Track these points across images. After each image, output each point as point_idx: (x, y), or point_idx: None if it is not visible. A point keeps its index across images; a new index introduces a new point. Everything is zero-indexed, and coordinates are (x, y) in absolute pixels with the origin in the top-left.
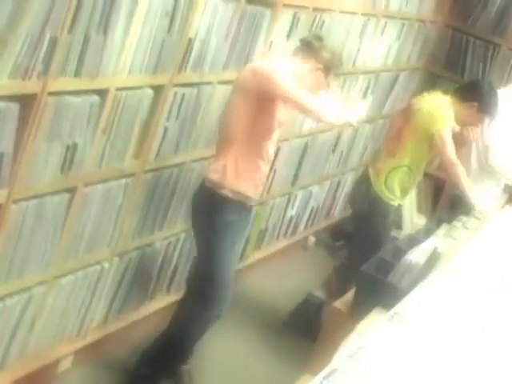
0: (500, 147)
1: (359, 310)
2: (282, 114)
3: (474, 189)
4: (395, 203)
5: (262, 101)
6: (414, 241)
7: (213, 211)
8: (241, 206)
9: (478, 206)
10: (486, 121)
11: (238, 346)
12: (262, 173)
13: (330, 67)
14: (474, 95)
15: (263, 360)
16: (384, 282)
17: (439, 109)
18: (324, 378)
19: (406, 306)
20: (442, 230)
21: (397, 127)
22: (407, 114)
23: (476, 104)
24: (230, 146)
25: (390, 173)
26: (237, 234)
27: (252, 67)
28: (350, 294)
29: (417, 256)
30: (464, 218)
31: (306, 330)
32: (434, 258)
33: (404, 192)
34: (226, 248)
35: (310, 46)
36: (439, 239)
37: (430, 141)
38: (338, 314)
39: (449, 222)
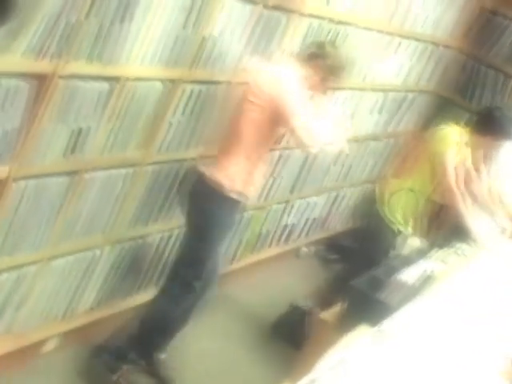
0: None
1: (346, 323)
2: None
3: (476, 218)
4: (394, 227)
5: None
6: (407, 261)
7: (216, 210)
8: (240, 205)
9: (475, 235)
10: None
11: (220, 349)
12: (262, 176)
13: (330, 74)
14: (493, 126)
15: (245, 365)
16: (373, 298)
17: (447, 135)
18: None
19: (391, 323)
20: (435, 254)
21: (408, 150)
22: (419, 138)
23: (495, 135)
24: (241, 148)
25: (394, 194)
26: (231, 230)
27: (276, 83)
28: (338, 307)
29: (408, 276)
30: (458, 245)
31: (290, 338)
32: (424, 280)
33: (406, 217)
34: (220, 240)
35: (311, 53)
36: (431, 262)
37: (434, 165)
38: (325, 325)
39: (442, 246)
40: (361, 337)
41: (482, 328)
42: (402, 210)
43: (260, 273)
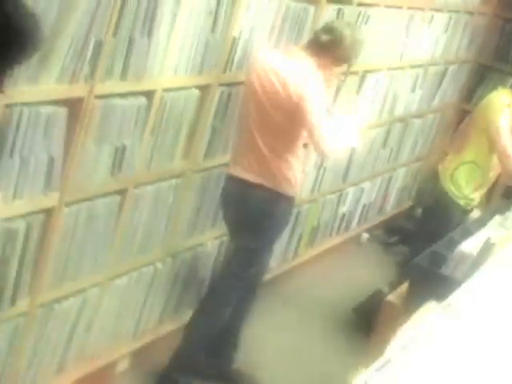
0: None
1: (413, 302)
2: None
3: None
4: (461, 202)
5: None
6: (467, 232)
7: (275, 210)
8: (294, 201)
9: None
10: None
11: (298, 344)
12: (304, 169)
13: (348, 60)
14: None
15: (326, 357)
16: (437, 273)
17: (497, 100)
18: (376, 370)
19: (459, 297)
20: (496, 221)
21: (459, 123)
22: (467, 109)
23: None
24: (290, 150)
25: (456, 169)
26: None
27: (299, 85)
28: (404, 288)
29: (470, 247)
30: None
31: (368, 325)
32: (487, 249)
33: (472, 188)
34: (278, 239)
35: (321, 42)
36: (492, 230)
37: (488, 134)
38: (393, 308)
39: (502, 212)
40: (429, 314)
41: None
42: (465, 184)
43: (324, 264)
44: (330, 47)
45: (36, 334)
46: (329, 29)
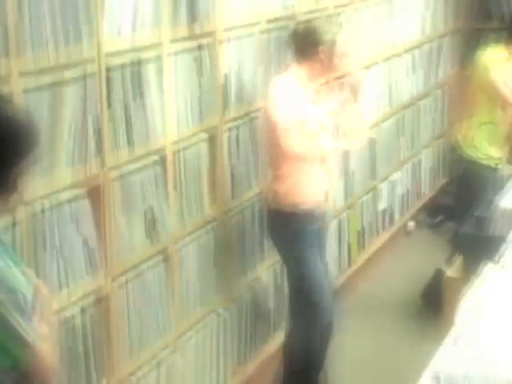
0: None
1: (470, 271)
2: None
3: None
4: (490, 163)
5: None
6: (503, 190)
7: (295, 230)
8: (313, 213)
9: None
10: None
11: (374, 346)
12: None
13: (332, 55)
14: None
15: (404, 350)
16: (484, 237)
17: (486, 57)
18: (453, 344)
19: (510, 251)
20: None
21: (462, 89)
22: (466, 75)
23: None
24: (287, 166)
25: (475, 134)
26: (316, 239)
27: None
28: (459, 260)
29: (509, 202)
30: None
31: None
32: None
33: (496, 147)
34: (313, 255)
35: (306, 43)
36: None
37: (488, 91)
38: (454, 282)
39: None
40: (488, 275)
41: None
42: (488, 145)
43: (380, 262)
44: (312, 47)
45: None
46: (307, 29)
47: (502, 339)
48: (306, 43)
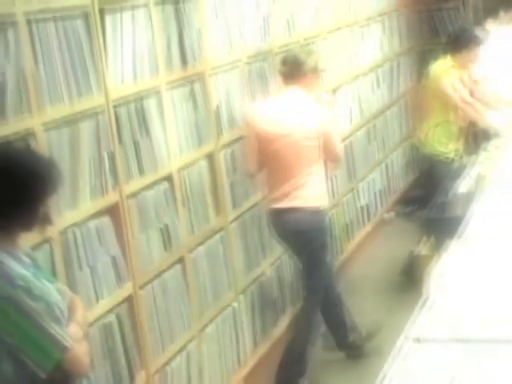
0: (490, 79)
1: (439, 248)
2: None
3: (489, 116)
4: (447, 156)
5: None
6: (458, 177)
7: (321, 228)
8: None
9: (493, 129)
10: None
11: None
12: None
13: (314, 68)
14: (461, 40)
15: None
16: (447, 218)
17: (438, 68)
18: (420, 308)
19: (470, 229)
20: (482, 157)
21: (420, 98)
22: (422, 85)
23: (468, 45)
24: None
25: (434, 132)
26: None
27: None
28: (430, 241)
29: (464, 187)
30: (485, 144)
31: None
32: (477, 183)
33: (451, 142)
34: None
35: (290, 72)
36: (475, 167)
37: (441, 96)
38: (426, 259)
39: (477, 152)
40: (450, 250)
41: None
42: (445, 141)
43: (367, 249)
44: (300, 71)
45: None
46: (285, 60)
47: (466, 303)
48: (293, 68)
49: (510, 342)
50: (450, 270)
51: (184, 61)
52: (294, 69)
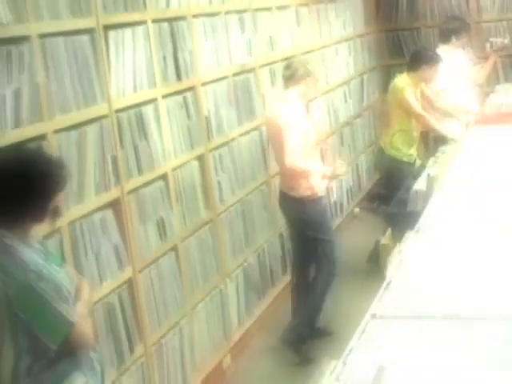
0: (449, 91)
1: (398, 238)
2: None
3: (446, 124)
4: (405, 159)
5: None
6: (416, 177)
7: (313, 211)
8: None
9: (449, 136)
10: (438, 68)
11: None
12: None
13: (309, 73)
14: (418, 60)
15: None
16: (405, 213)
17: (398, 83)
18: (383, 289)
19: (425, 222)
20: (431, 161)
21: (384, 108)
22: (386, 97)
23: (425, 64)
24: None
25: (392, 139)
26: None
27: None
28: (390, 232)
29: (420, 185)
30: (442, 148)
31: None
32: (430, 182)
33: (411, 147)
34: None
35: (291, 76)
36: (430, 168)
37: (404, 107)
38: (387, 248)
39: (433, 155)
40: (408, 240)
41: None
42: (403, 146)
43: (338, 239)
44: (299, 76)
45: (158, 365)
46: (288, 66)
47: (421, 284)
48: (292, 73)
49: (459, 318)
50: (408, 257)
51: (178, 75)
52: (292, 73)
